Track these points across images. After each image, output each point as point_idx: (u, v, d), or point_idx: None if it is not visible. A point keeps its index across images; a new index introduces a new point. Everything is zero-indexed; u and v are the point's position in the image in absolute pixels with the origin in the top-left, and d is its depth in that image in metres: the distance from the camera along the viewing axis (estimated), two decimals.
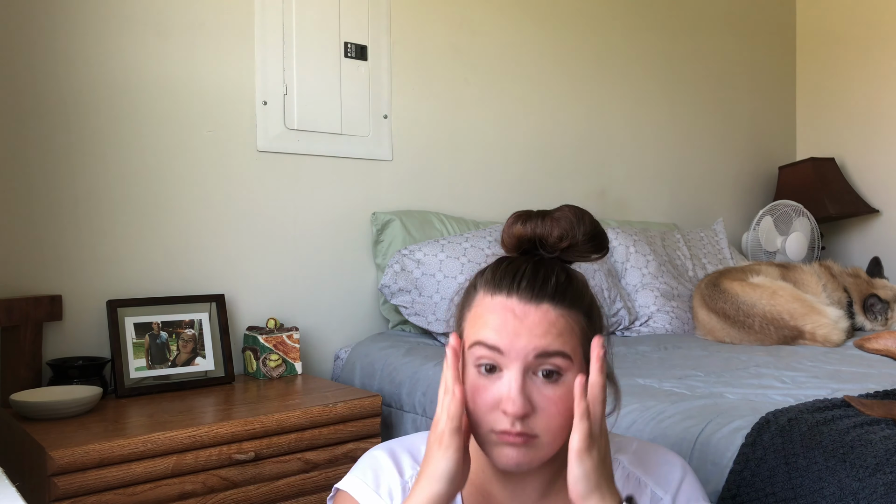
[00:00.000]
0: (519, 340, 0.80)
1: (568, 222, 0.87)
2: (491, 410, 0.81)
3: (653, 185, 3.07)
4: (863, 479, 1.02)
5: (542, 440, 0.81)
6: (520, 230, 0.88)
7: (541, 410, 0.80)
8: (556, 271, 0.85)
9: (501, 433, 0.80)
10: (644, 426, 1.34)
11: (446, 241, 2.14)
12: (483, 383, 0.82)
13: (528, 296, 0.82)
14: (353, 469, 0.95)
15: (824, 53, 3.54)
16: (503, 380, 0.81)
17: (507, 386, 0.80)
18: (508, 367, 0.81)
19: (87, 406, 1.54)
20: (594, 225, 0.88)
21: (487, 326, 0.82)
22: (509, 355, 0.81)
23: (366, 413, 1.68)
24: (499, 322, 0.82)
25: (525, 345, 0.80)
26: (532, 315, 0.81)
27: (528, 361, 0.80)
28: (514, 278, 0.83)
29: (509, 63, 2.60)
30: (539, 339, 0.81)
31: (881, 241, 3.32)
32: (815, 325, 2.08)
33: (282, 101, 2.09)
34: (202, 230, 1.97)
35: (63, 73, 1.77)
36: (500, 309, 0.82)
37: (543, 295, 0.82)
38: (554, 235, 0.86)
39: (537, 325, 0.81)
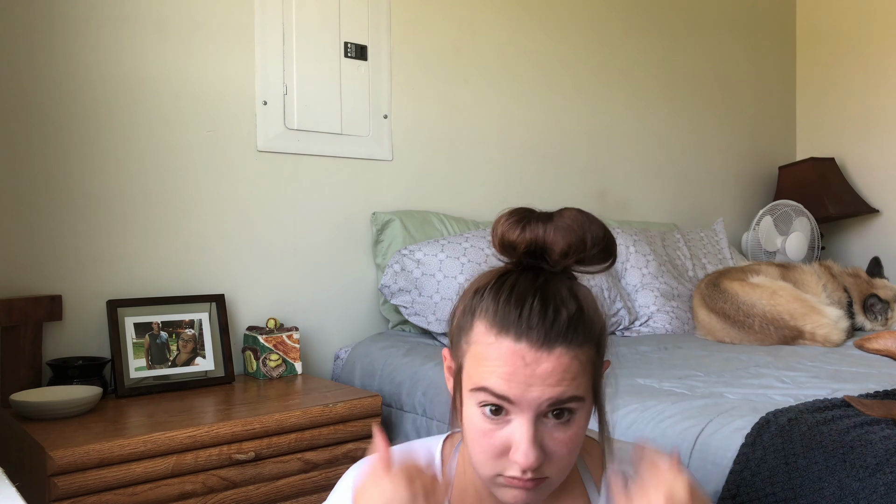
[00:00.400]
0: (531, 392, 0.74)
1: (575, 232, 0.79)
2: (499, 456, 0.77)
3: (653, 185, 3.07)
4: (863, 479, 1.02)
5: (551, 480, 0.78)
6: (519, 236, 0.80)
7: (552, 454, 0.77)
8: (565, 300, 0.77)
9: (511, 479, 0.76)
10: (644, 426, 1.34)
11: (446, 241, 2.14)
12: (488, 427, 0.77)
13: (540, 341, 0.74)
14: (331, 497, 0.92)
15: (824, 53, 3.54)
16: (512, 425, 0.76)
17: (517, 435, 0.75)
18: (518, 415, 0.76)
19: (87, 406, 1.54)
20: (604, 231, 0.80)
21: (494, 374, 0.75)
22: (520, 405, 0.75)
23: (366, 413, 1.68)
24: (508, 371, 0.75)
25: (538, 395, 0.74)
26: (544, 363, 0.74)
27: (540, 411, 0.75)
28: (522, 317, 0.75)
29: (509, 63, 2.60)
30: (552, 388, 0.75)
31: (881, 241, 3.33)
32: (815, 325, 2.08)
33: (282, 101, 2.09)
34: (202, 230, 1.97)
35: (63, 73, 1.77)
36: (508, 356, 0.75)
37: (556, 337, 0.75)
38: (559, 248, 0.78)
39: (550, 375, 0.74)
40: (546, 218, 0.80)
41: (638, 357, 1.90)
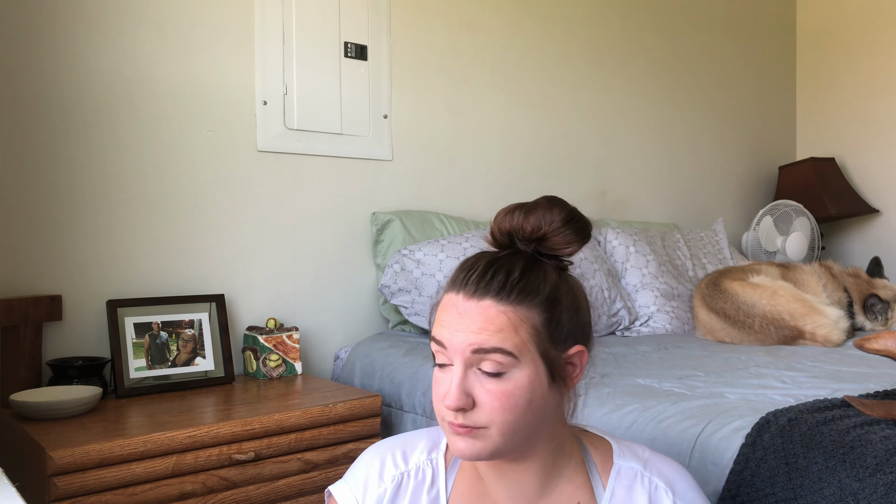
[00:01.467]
0: (457, 336, 0.82)
1: (540, 212, 0.87)
2: (441, 402, 0.84)
3: (653, 185, 3.07)
4: (863, 480, 1.02)
5: (489, 431, 0.82)
6: (497, 224, 0.89)
7: (483, 404, 0.82)
8: (513, 266, 0.85)
9: (449, 423, 0.83)
10: (644, 426, 1.34)
11: (446, 241, 2.14)
12: (438, 377, 0.85)
13: (472, 291, 0.83)
14: (348, 473, 0.96)
15: (824, 53, 3.54)
16: (449, 373, 0.84)
17: (447, 380, 0.84)
18: (453, 363, 0.83)
19: (87, 406, 1.54)
20: (569, 211, 0.88)
21: (438, 322, 0.85)
22: (450, 350, 0.83)
23: (366, 413, 1.68)
24: (445, 318, 0.84)
25: (462, 340, 0.82)
26: (472, 311, 0.82)
27: (465, 357, 0.82)
28: (466, 275, 0.85)
29: (509, 63, 2.60)
30: (474, 335, 0.81)
31: (881, 241, 3.33)
32: (816, 325, 2.08)
33: (282, 101, 2.09)
34: (202, 230, 1.97)
35: (63, 73, 1.77)
36: (449, 305, 0.85)
37: (487, 290, 0.83)
38: (527, 228, 0.87)
39: (473, 322, 0.82)
40: (522, 206, 0.89)
41: (638, 357, 1.90)
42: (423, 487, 0.91)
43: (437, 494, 0.91)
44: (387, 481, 0.92)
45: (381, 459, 0.94)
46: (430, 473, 0.92)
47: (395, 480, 0.92)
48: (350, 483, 0.94)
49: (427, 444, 0.95)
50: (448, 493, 0.91)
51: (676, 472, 0.92)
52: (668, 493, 0.89)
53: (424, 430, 0.99)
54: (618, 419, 1.38)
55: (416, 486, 0.91)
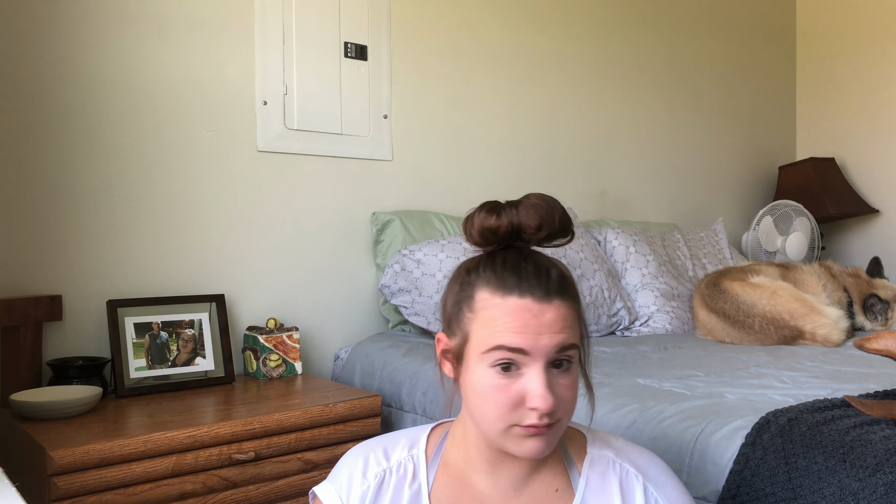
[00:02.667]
0: (542, 339, 0.83)
1: (544, 211, 0.89)
2: (515, 408, 0.84)
3: (653, 185, 3.07)
4: (863, 480, 1.02)
5: (561, 423, 0.86)
6: (496, 222, 0.89)
7: (560, 398, 0.85)
8: (550, 265, 0.88)
9: (528, 427, 0.84)
10: (644, 426, 1.34)
11: (446, 241, 2.14)
12: (503, 383, 0.84)
13: (541, 294, 0.84)
14: (332, 474, 0.98)
15: (824, 53, 3.54)
16: (524, 377, 0.84)
17: (532, 384, 0.83)
18: (530, 366, 0.84)
19: (87, 406, 1.54)
20: (564, 211, 0.91)
21: (507, 330, 0.84)
22: (533, 354, 0.83)
23: (366, 413, 1.68)
24: (519, 325, 0.83)
25: (548, 342, 0.83)
26: (549, 313, 0.84)
27: (549, 357, 0.84)
28: (521, 278, 0.85)
29: (509, 63, 2.60)
30: (558, 335, 0.84)
31: (881, 241, 3.33)
32: (815, 325, 2.08)
33: (282, 101, 2.09)
34: (202, 230, 1.97)
35: (63, 72, 1.77)
36: (517, 311, 0.84)
37: (553, 291, 0.85)
38: (532, 225, 0.89)
39: (555, 322, 0.84)
40: (514, 203, 0.91)
41: (638, 357, 1.90)
42: (405, 482, 0.93)
43: (419, 488, 0.93)
44: (370, 478, 0.93)
45: (364, 458, 0.96)
46: (412, 468, 0.94)
47: (378, 477, 0.93)
48: (334, 483, 0.95)
49: (407, 441, 0.97)
50: (430, 487, 0.93)
51: (648, 459, 0.96)
52: (638, 478, 0.93)
53: (403, 430, 1.00)
54: (618, 419, 1.38)
55: (398, 481, 0.93)
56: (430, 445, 0.97)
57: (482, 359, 0.85)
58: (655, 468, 0.95)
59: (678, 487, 0.95)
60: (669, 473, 0.96)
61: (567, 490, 0.93)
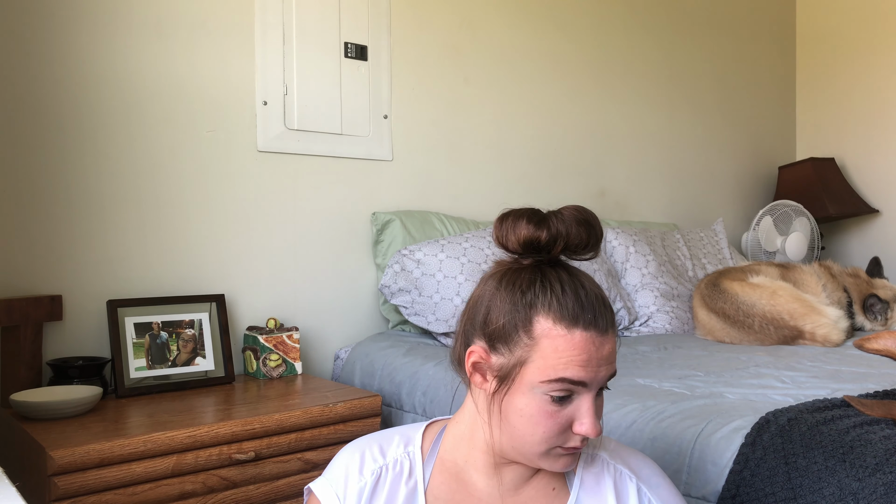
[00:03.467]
0: (600, 372, 0.86)
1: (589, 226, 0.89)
2: (562, 432, 0.86)
3: (653, 185, 3.07)
4: (863, 479, 1.02)
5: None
6: (542, 234, 0.87)
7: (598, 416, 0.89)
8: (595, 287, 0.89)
9: (570, 448, 0.88)
10: (644, 426, 1.34)
11: (446, 241, 2.14)
12: (555, 409, 0.86)
13: (604, 327, 0.86)
14: (327, 470, 0.98)
15: (824, 53, 3.54)
16: (574, 404, 0.86)
17: (583, 411, 0.86)
18: (582, 394, 0.86)
19: (87, 406, 1.54)
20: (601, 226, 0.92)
21: (573, 363, 0.84)
22: (591, 386, 0.86)
23: (366, 413, 1.68)
24: (585, 358, 0.84)
25: (605, 374, 0.87)
26: (607, 344, 0.86)
27: (600, 386, 0.88)
28: (585, 308, 0.85)
29: (509, 63, 2.60)
30: (611, 365, 0.88)
31: (881, 241, 3.33)
32: (815, 325, 2.08)
33: (282, 101, 2.09)
34: (202, 230, 1.97)
35: (63, 73, 1.77)
36: (584, 344, 0.85)
37: (611, 322, 0.87)
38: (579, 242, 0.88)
39: (611, 354, 0.87)
40: (558, 215, 0.89)
41: (638, 357, 1.90)
42: (402, 479, 0.94)
43: (415, 486, 0.93)
44: (366, 475, 0.94)
45: (360, 455, 0.95)
46: (408, 465, 0.95)
47: (375, 474, 0.94)
48: (330, 480, 0.95)
49: (402, 438, 0.98)
50: (426, 483, 0.94)
51: (641, 460, 0.98)
52: (631, 479, 0.95)
53: (396, 428, 1.01)
54: (618, 419, 1.38)
55: (395, 478, 0.94)
56: (426, 443, 0.97)
57: (539, 386, 0.85)
58: (648, 469, 0.97)
59: (670, 488, 0.96)
60: (662, 475, 0.98)
61: (563, 489, 0.95)
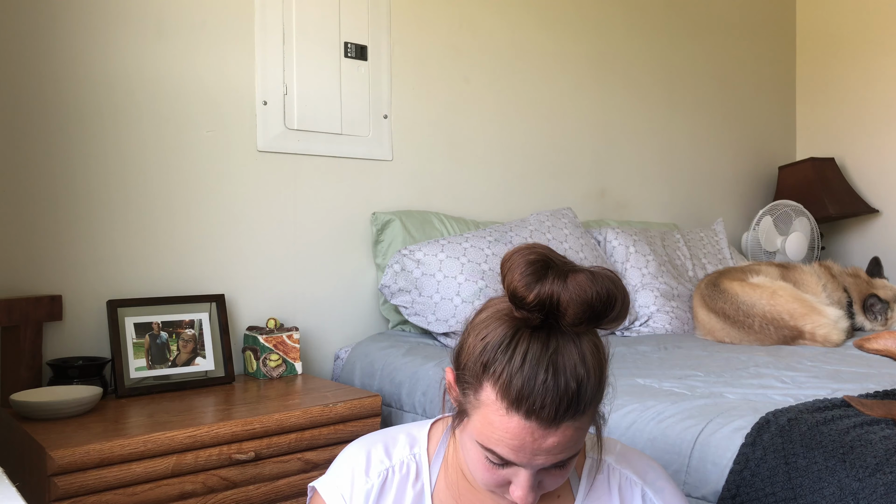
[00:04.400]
0: (536, 460, 0.79)
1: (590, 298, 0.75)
2: (502, 485, 0.84)
3: (653, 185, 3.07)
4: (863, 480, 1.02)
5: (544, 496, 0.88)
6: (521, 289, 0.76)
7: (546, 486, 0.85)
8: (576, 372, 0.76)
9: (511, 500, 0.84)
10: (644, 426, 1.34)
11: (446, 241, 2.14)
12: (491, 466, 0.82)
13: (549, 420, 0.76)
14: (332, 469, 0.96)
15: (824, 53, 3.54)
16: (513, 469, 0.81)
17: (518, 481, 0.81)
18: (519, 469, 0.81)
19: (87, 406, 1.54)
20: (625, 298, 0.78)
21: (502, 443, 0.78)
22: (525, 467, 0.80)
23: (366, 413, 1.68)
24: (517, 444, 0.78)
25: (542, 462, 0.79)
26: (551, 437, 0.77)
27: (541, 469, 0.82)
28: (534, 394, 0.75)
29: (509, 63, 2.60)
30: (556, 456, 0.79)
31: (881, 241, 3.33)
32: (815, 325, 2.08)
33: (282, 101, 2.09)
34: (202, 230, 1.97)
35: (63, 72, 1.77)
36: (517, 431, 0.77)
37: (563, 415, 0.76)
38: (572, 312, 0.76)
39: (555, 447, 0.78)
40: (563, 274, 0.76)
41: (638, 357, 1.90)
42: (408, 481, 0.93)
43: (422, 488, 0.93)
44: (373, 477, 0.93)
45: (366, 455, 0.94)
46: (415, 468, 0.94)
47: (382, 476, 0.93)
48: (336, 479, 0.94)
49: (408, 439, 0.96)
50: (432, 487, 0.93)
51: (646, 464, 0.97)
52: (636, 483, 0.94)
53: (401, 427, 1.00)
54: (617, 419, 1.38)
55: (401, 480, 0.93)
56: (432, 443, 0.96)
57: (476, 441, 0.81)
58: (653, 473, 0.96)
59: (675, 491, 0.96)
60: (667, 478, 0.97)
61: (567, 495, 0.93)
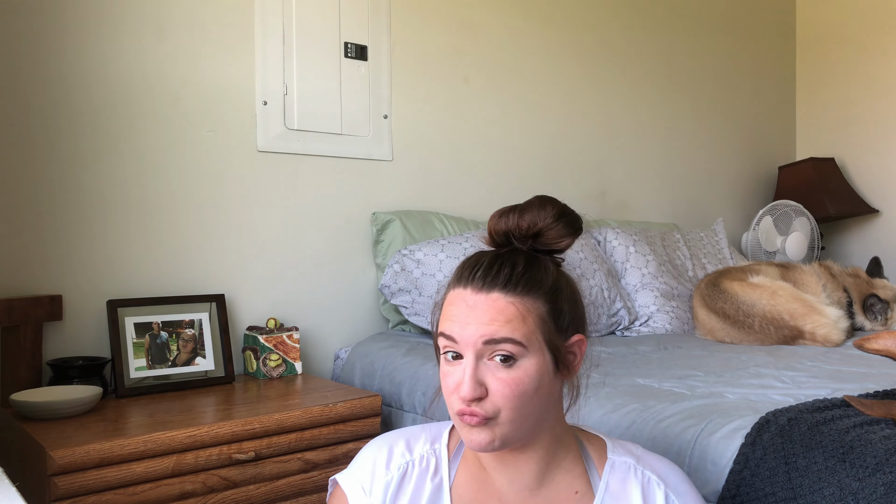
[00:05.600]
0: (468, 328, 0.85)
1: (534, 210, 0.91)
2: (452, 394, 0.87)
3: (653, 185, 3.07)
4: (863, 480, 1.02)
5: (500, 419, 0.85)
6: (493, 225, 0.93)
7: (495, 392, 0.85)
8: (516, 261, 0.89)
9: (460, 414, 0.86)
10: (644, 426, 1.34)
11: (446, 241, 2.14)
12: (449, 370, 0.88)
13: (480, 285, 0.86)
14: (354, 463, 0.99)
15: (824, 53, 3.54)
16: (461, 365, 0.87)
17: (459, 370, 0.86)
18: (465, 354, 0.86)
19: (87, 406, 1.54)
20: (560, 207, 0.92)
21: (447, 318, 0.88)
22: (462, 343, 0.85)
23: (366, 413, 1.68)
24: (455, 312, 0.87)
25: (473, 332, 0.85)
26: (481, 304, 0.85)
27: (477, 348, 0.85)
28: (472, 270, 0.88)
29: (509, 63, 2.60)
30: (485, 326, 0.85)
31: (881, 241, 3.33)
32: (815, 325, 2.08)
33: (282, 101, 2.09)
34: (202, 230, 1.97)
35: (63, 73, 1.77)
36: (457, 300, 0.88)
37: (494, 284, 0.86)
38: (522, 226, 0.90)
39: (484, 314, 0.85)
40: (516, 207, 0.93)
41: (638, 357, 1.90)
42: (427, 475, 0.94)
43: (441, 482, 0.94)
44: (393, 470, 0.95)
45: (388, 449, 0.97)
46: (434, 462, 0.95)
47: (401, 469, 0.95)
48: (356, 472, 0.96)
49: (429, 436, 0.99)
50: (451, 481, 0.94)
51: (668, 467, 0.97)
52: (659, 485, 0.93)
53: (424, 425, 1.02)
54: (617, 419, 1.38)
55: (420, 473, 0.95)
56: (453, 441, 0.98)
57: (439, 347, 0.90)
58: (676, 476, 0.96)
59: (696, 497, 0.96)
60: (689, 482, 0.97)
61: (587, 493, 0.93)
